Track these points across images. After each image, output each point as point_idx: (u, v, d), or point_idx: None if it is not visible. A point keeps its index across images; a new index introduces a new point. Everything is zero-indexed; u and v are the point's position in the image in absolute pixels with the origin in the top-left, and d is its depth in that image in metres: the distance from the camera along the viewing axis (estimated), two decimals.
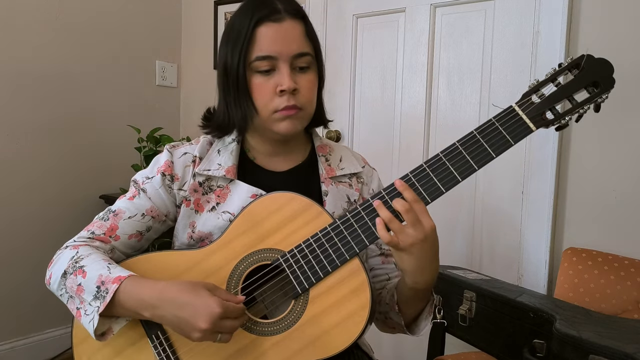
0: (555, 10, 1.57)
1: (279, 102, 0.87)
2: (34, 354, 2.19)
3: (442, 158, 0.81)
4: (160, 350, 0.85)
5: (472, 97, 1.80)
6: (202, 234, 0.92)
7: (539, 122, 0.79)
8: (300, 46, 0.88)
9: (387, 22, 1.99)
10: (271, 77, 0.87)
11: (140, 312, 0.79)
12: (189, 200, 0.93)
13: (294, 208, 0.86)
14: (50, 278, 0.89)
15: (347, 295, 0.82)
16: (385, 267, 1.01)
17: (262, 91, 0.87)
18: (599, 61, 0.79)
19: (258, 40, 0.86)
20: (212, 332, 0.75)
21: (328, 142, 1.04)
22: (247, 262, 0.86)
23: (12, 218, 2.12)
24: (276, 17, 0.86)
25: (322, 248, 0.83)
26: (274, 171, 0.97)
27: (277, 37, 0.86)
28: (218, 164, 0.94)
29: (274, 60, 0.86)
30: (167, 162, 0.94)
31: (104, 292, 0.80)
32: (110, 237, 0.90)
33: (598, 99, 0.79)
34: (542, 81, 0.80)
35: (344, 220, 0.83)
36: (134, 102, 2.51)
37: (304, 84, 0.89)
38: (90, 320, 0.80)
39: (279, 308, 0.89)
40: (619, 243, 1.50)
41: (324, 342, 0.82)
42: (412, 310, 0.91)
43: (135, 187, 0.94)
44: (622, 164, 1.50)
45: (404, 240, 0.77)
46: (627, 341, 1.02)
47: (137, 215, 0.92)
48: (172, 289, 0.78)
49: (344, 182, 0.99)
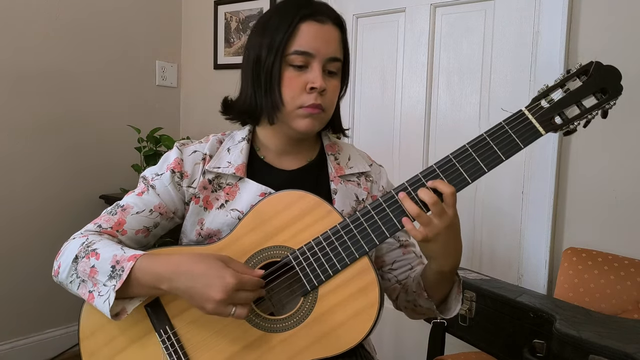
0: (555, 10, 1.57)
1: (306, 99, 0.89)
2: (34, 354, 2.19)
3: (452, 159, 0.82)
4: (168, 345, 0.86)
5: (472, 97, 1.80)
6: (210, 231, 0.93)
7: (548, 126, 0.81)
8: (336, 51, 0.92)
9: (387, 22, 1.99)
10: (303, 73, 0.89)
11: (157, 286, 0.81)
12: (198, 198, 0.94)
13: (304, 206, 0.87)
14: (59, 268, 0.89)
15: (355, 293, 0.83)
16: (407, 258, 1.03)
17: (292, 85, 0.89)
18: (608, 68, 0.80)
19: (299, 35, 0.89)
20: (225, 303, 0.76)
21: (336, 141, 1.06)
22: (257, 259, 0.87)
23: (12, 218, 2.12)
24: (320, 18, 0.90)
25: (332, 246, 0.84)
26: (283, 169, 0.98)
27: (318, 36, 0.89)
28: (228, 162, 0.95)
29: (309, 57, 0.89)
30: (176, 160, 0.94)
31: (119, 270, 0.81)
32: (118, 232, 0.91)
33: (606, 105, 0.80)
34: (551, 86, 0.82)
35: (354, 219, 0.84)
36: (134, 102, 2.51)
37: (330, 87, 0.92)
38: (106, 299, 0.80)
39: (285, 306, 0.89)
40: (619, 243, 1.50)
41: (332, 340, 0.83)
42: (440, 294, 0.92)
43: (145, 183, 0.95)
44: (622, 164, 1.50)
45: (430, 232, 0.79)
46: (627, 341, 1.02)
47: (145, 211, 0.93)
48: (187, 261, 0.79)
49: (352, 181, 1.00)
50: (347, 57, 0.97)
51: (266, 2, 2.34)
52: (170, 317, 0.87)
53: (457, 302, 0.93)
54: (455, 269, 0.88)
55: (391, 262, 1.03)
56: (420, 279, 0.93)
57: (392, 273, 1.03)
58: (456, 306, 0.93)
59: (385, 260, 1.03)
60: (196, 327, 0.86)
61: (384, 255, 1.03)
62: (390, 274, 1.03)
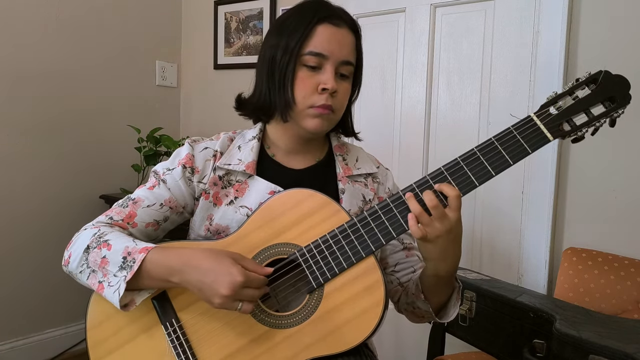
0: (555, 10, 1.57)
1: (317, 99, 0.91)
2: (34, 354, 2.19)
3: (459, 162, 0.83)
4: (173, 338, 0.87)
5: (472, 97, 1.80)
6: (219, 226, 0.94)
7: (556, 132, 0.82)
8: (349, 54, 0.93)
9: (387, 22, 1.99)
10: (316, 74, 0.91)
11: (167, 279, 0.82)
12: (207, 193, 0.95)
13: (312, 205, 0.88)
14: (70, 257, 0.90)
15: (361, 292, 0.84)
16: (410, 260, 1.04)
17: (305, 84, 0.91)
18: (616, 78, 0.81)
19: (315, 36, 0.90)
20: (232, 299, 0.78)
21: (345, 142, 1.07)
22: (264, 255, 0.88)
23: (12, 218, 2.12)
24: (337, 21, 0.92)
25: (339, 245, 0.85)
26: (292, 168, 1.00)
27: (333, 38, 0.91)
28: (238, 159, 0.96)
29: (323, 59, 0.91)
30: (188, 155, 0.96)
31: (130, 262, 0.82)
32: (128, 224, 0.93)
33: (614, 113, 0.82)
34: (560, 94, 0.83)
35: (361, 218, 0.85)
36: (134, 102, 2.51)
37: (341, 90, 0.93)
38: (116, 290, 0.82)
39: (291, 303, 0.90)
40: (619, 243, 1.50)
41: (336, 338, 0.84)
42: (438, 298, 0.93)
43: (156, 177, 0.97)
44: (622, 164, 1.50)
45: (430, 233, 0.80)
46: (627, 341, 1.02)
47: (156, 204, 0.94)
48: (198, 256, 0.81)
49: (359, 181, 1.01)
50: (361, 62, 0.99)
51: (266, 2, 2.34)
52: (176, 310, 0.88)
53: (455, 308, 0.94)
54: (451, 274, 0.88)
55: (394, 264, 1.03)
56: (418, 281, 0.94)
57: (395, 275, 1.03)
58: (454, 312, 0.94)
59: (388, 262, 1.03)
60: (202, 321, 0.87)
61: (387, 257, 1.03)
62: (393, 275, 1.03)
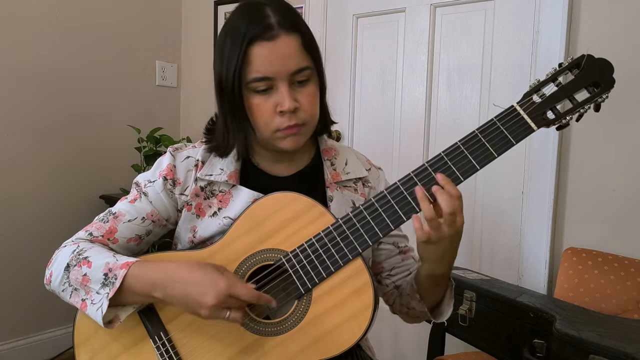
0: (555, 10, 1.57)
1: (280, 122, 0.84)
2: (34, 354, 2.19)
3: (443, 157, 0.80)
4: (163, 352, 0.85)
5: (472, 97, 1.80)
6: (203, 238, 0.91)
7: (540, 121, 0.79)
8: (298, 62, 0.83)
9: (387, 22, 1.99)
10: (270, 95, 0.84)
11: (151, 294, 0.80)
12: (190, 205, 0.92)
13: (296, 208, 0.85)
14: (51, 276, 0.88)
15: (350, 295, 0.83)
16: (406, 264, 1.02)
17: (262, 111, 0.84)
18: (600, 61, 0.79)
19: (253, 61, 0.81)
20: (219, 308, 0.76)
21: (333, 143, 1.02)
22: (250, 262, 0.86)
23: (12, 218, 2.12)
24: (270, 34, 0.81)
25: (325, 248, 0.83)
26: (277, 176, 0.96)
27: (273, 57, 0.81)
28: (220, 169, 0.92)
29: (271, 80, 0.82)
30: (169, 166, 0.92)
31: (112, 278, 0.80)
32: (109, 240, 0.89)
33: (598, 98, 0.79)
34: (542, 81, 0.80)
35: (346, 219, 0.83)
36: (134, 102, 2.51)
37: (304, 99, 0.85)
38: (98, 307, 0.80)
39: (280, 309, 0.88)
40: (619, 243, 1.50)
41: (327, 342, 0.82)
42: (432, 297, 0.92)
43: (137, 190, 0.93)
44: (622, 164, 1.50)
45: (435, 236, 0.77)
46: (627, 341, 1.02)
47: (137, 219, 0.91)
48: (181, 269, 0.79)
49: (349, 187, 0.97)
50: (317, 56, 0.88)
51: None
52: (164, 322, 0.86)
53: (449, 307, 0.93)
54: (446, 274, 0.88)
55: (390, 269, 1.02)
56: (413, 282, 0.93)
57: (391, 279, 1.02)
58: (448, 311, 0.93)
59: (384, 266, 1.02)
60: (191, 332, 0.86)
61: (383, 262, 1.02)
62: (389, 279, 1.02)
